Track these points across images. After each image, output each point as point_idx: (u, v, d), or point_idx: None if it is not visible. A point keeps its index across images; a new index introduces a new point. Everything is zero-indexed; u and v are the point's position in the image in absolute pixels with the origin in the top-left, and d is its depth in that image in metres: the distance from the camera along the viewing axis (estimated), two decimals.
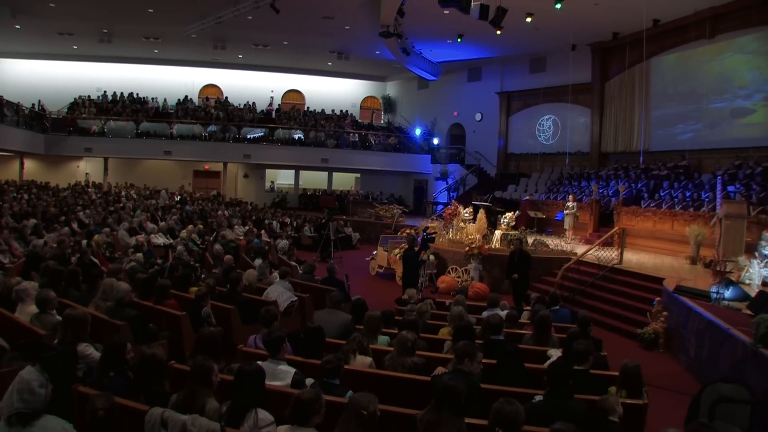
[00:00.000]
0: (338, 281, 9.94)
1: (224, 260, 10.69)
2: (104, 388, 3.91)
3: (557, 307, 8.17)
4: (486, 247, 13.58)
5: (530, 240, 14.40)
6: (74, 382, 4.03)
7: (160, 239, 14.15)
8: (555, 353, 5.98)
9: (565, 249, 14.38)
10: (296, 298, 8.55)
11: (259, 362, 4.50)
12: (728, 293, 8.55)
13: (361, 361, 5.14)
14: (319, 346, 5.14)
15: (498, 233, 14.42)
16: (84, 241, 11.18)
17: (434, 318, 7.84)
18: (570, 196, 16.89)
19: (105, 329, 5.81)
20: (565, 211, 16.61)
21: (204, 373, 3.66)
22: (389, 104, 32.61)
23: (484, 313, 8.23)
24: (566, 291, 11.61)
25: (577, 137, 22.39)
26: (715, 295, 8.63)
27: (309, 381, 4.56)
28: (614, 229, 13.01)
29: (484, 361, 5.19)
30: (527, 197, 17.87)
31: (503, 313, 8.10)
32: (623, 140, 20.47)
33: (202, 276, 10.10)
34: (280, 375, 4.50)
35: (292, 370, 4.55)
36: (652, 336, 9.29)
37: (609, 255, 12.34)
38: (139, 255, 10.86)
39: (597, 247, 12.54)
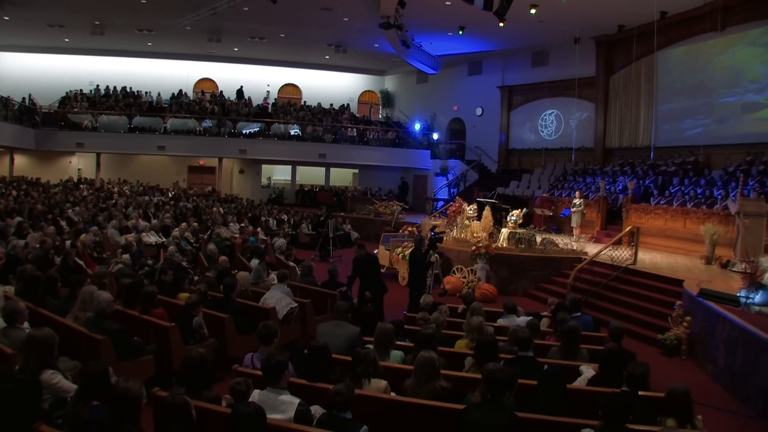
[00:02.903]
0: (340, 284, 9.40)
1: (219, 261, 10.16)
2: (86, 422, 3.36)
3: (579, 314, 7.59)
4: (493, 246, 13.06)
5: (539, 239, 13.89)
6: (37, 418, 3.45)
7: (151, 238, 13.63)
8: (588, 370, 5.46)
9: (574, 248, 13.84)
10: (296, 304, 8.01)
11: (257, 391, 4.06)
12: (758, 298, 8.00)
13: (375, 385, 4.55)
14: (325, 367, 4.65)
15: (505, 231, 13.87)
16: (68, 242, 10.55)
17: (447, 326, 7.23)
18: (576, 193, 16.42)
19: (83, 344, 5.44)
20: (571, 209, 16.10)
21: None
22: (388, 99, 32.12)
23: (500, 321, 7.82)
24: (579, 293, 11.00)
25: (580, 132, 21.91)
26: (744, 299, 8.08)
27: (315, 409, 4.02)
28: (628, 228, 12.52)
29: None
30: (544, 194, 17.32)
31: (520, 321, 7.66)
32: (628, 135, 19.99)
33: (195, 278, 9.60)
34: (281, 407, 3.95)
35: (296, 401, 4.00)
36: (674, 342, 8.79)
37: (623, 255, 11.82)
38: (126, 256, 10.29)
39: (610, 246, 12.01)
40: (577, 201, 15.97)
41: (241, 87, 28.99)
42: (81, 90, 26.62)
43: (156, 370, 5.84)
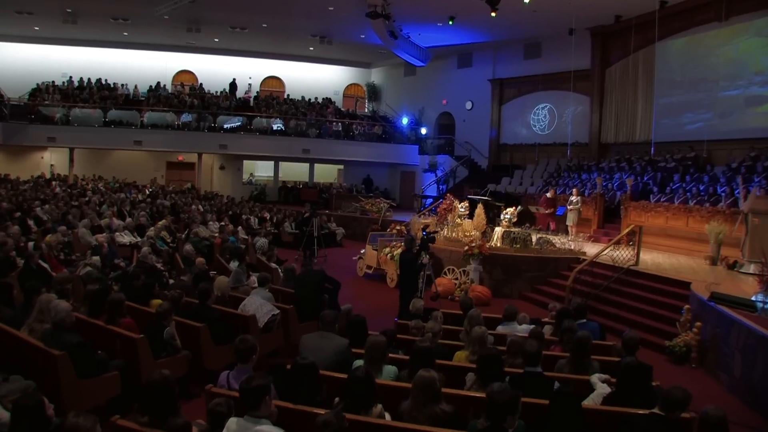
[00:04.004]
0: (326, 289, 8.73)
1: (195, 263, 9.46)
2: None
3: (584, 321, 7.08)
4: (486, 245, 12.44)
5: (534, 238, 13.34)
6: None
7: (126, 237, 12.90)
8: (602, 385, 4.93)
9: (572, 248, 13.24)
10: (278, 311, 7.43)
11: (233, 419, 3.62)
12: None
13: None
14: (312, 387, 4.24)
15: (499, 230, 13.31)
16: (31, 243, 9.75)
17: (443, 334, 6.58)
18: (574, 190, 15.82)
19: (39, 360, 5.00)
20: (568, 206, 15.49)
21: None
22: (374, 92, 31.57)
23: (500, 328, 7.24)
24: (579, 296, 10.48)
25: (574, 127, 21.41)
26: (761, 304, 7.58)
27: None
28: (630, 227, 11.93)
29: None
30: (548, 193, 16.61)
31: (521, 329, 7.13)
32: (625, 130, 19.47)
33: (170, 282, 8.99)
34: None
35: None
36: (683, 349, 8.28)
37: (624, 255, 11.25)
38: (96, 258, 9.54)
39: (612, 246, 11.45)
40: (574, 198, 15.39)
41: (234, 80, 28.16)
42: (53, 82, 25.64)
43: (123, 388, 5.40)
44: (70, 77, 26.33)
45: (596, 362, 5.51)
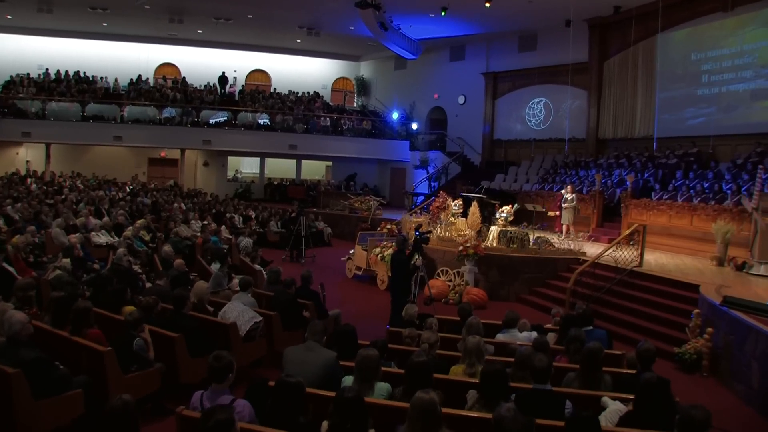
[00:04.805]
0: (313, 293, 8.30)
1: (174, 265, 8.95)
2: None
3: (591, 328, 6.56)
4: (482, 245, 11.93)
5: (531, 237, 12.86)
6: None
7: (102, 237, 12.34)
8: (614, 404, 4.49)
9: (571, 248, 12.72)
10: (261, 318, 6.94)
11: None
12: None
13: None
14: (296, 408, 3.88)
15: (495, 229, 12.79)
16: None
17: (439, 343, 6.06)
18: (568, 187, 15.17)
19: None
20: (563, 204, 14.91)
21: None
22: (363, 86, 30.98)
23: (499, 336, 6.78)
24: (580, 298, 10.06)
25: (571, 122, 20.87)
26: None
27: None
28: (633, 226, 11.41)
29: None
30: (563, 192, 15.88)
31: (523, 336, 6.73)
32: (624, 125, 18.91)
33: (148, 285, 8.45)
34: None
35: None
36: (693, 357, 7.82)
37: (627, 256, 10.75)
38: (66, 261, 8.91)
39: (614, 246, 10.93)
40: (568, 196, 14.78)
41: (224, 73, 27.35)
42: (28, 74, 24.81)
43: (88, 406, 4.97)
44: (47, 69, 25.50)
45: (608, 376, 5.07)
